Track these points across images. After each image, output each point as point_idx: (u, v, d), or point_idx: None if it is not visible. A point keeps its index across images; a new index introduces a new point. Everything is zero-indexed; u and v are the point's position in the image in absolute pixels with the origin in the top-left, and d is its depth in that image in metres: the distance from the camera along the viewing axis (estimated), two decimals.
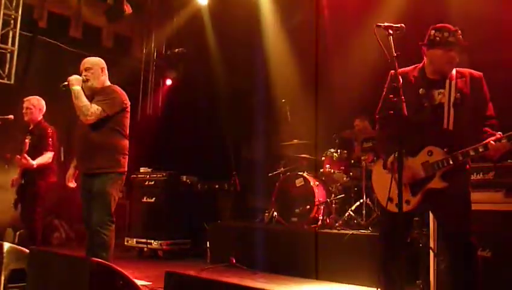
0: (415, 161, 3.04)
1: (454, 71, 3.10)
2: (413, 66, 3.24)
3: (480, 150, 2.87)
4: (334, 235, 5.55)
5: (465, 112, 3.00)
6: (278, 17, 7.84)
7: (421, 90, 3.08)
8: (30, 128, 5.54)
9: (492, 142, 2.83)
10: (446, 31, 3.04)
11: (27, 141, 5.28)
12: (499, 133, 2.88)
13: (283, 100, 7.01)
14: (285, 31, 7.66)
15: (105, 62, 4.32)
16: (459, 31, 3.06)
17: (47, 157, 5.36)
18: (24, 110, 5.56)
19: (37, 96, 5.62)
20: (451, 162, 2.92)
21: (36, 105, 5.57)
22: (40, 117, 5.57)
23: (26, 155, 5.22)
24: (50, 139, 5.41)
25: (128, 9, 8.82)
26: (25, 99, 5.60)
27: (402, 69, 3.17)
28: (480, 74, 3.13)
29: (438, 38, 3.04)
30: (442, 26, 3.08)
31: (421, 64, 3.20)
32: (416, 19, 4.80)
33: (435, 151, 2.99)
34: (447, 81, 3.07)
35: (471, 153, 2.90)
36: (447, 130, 2.99)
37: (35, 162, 5.24)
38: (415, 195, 3.03)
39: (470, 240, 2.98)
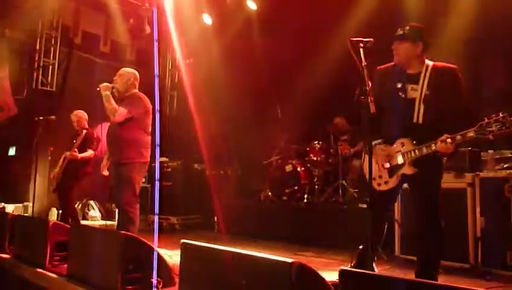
0: (392, 149, 2.95)
1: (429, 67, 2.90)
2: (393, 63, 3.07)
3: (433, 148, 2.74)
4: (318, 209, 5.57)
5: (434, 108, 2.82)
6: (267, 33, 7.76)
7: (398, 84, 2.95)
8: (78, 133, 5.61)
9: (439, 143, 2.69)
10: (400, 27, 2.95)
11: (78, 139, 5.40)
12: (446, 135, 2.68)
13: (274, 101, 7.00)
14: (274, 44, 7.58)
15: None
16: (410, 24, 2.94)
17: (89, 153, 5.51)
18: (74, 122, 5.68)
19: (81, 110, 5.68)
20: (417, 153, 2.83)
21: (82, 116, 5.70)
22: (86, 124, 5.69)
23: (76, 150, 5.35)
24: (94, 141, 5.54)
25: (148, 29, 8.77)
26: (73, 113, 5.68)
27: (388, 64, 3.07)
28: (454, 66, 2.90)
29: (395, 35, 2.97)
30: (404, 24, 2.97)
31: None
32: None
33: (405, 143, 2.89)
34: (421, 76, 2.89)
35: (424, 150, 2.78)
36: (416, 124, 2.86)
37: (80, 155, 5.38)
38: (391, 177, 2.95)
39: (436, 221, 2.88)
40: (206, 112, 8.56)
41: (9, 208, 6.78)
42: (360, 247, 3.24)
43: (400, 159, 2.90)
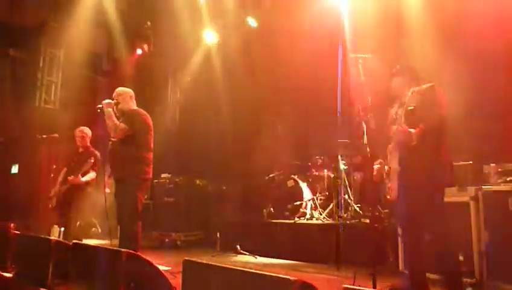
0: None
1: (415, 90, 3.15)
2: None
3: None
4: (320, 225, 5.53)
5: (412, 121, 3.00)
6: (268, 51, 7.83)
7: (392, 110, 3.25)
8: (80, 150, 5.53)
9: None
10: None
11: (88, 163, 5.25)
12: None
13: (275, 118, 7.05)
14: (275, 62, 7.65)
15: (132, 90, 4.35)
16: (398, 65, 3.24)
17: (92, 175, 5.38)
18: (78, 137, 5.55)
19: (86, 127, 5.62)
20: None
21: (87, 133, 5.59)
22: (88, 143, 5.58)
23: (80, 175, 5.24)
24: (97, 163, 5.44)
25: (149, 47, 8.88)
26: (78, 129, 5.60)
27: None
28: (430, 85, 3.13)
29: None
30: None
31: None
32: None
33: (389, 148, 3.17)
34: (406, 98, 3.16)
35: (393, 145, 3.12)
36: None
37: (83, 179, 5.27)
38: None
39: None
40: (208, 128, 8.60)
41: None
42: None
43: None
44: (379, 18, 5.76)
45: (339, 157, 6.15)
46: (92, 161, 5.25)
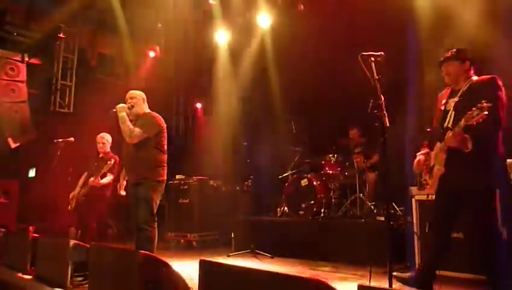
0: (431, 154, 3.19)
1: (471, 80, 3.07)
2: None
3: (443, 143, 2.99)
4: (335, 224, 5.52)
5: (461, 111, 2.90)
6: (280, 50, 7.84)
7: (443, 101, 3.17)
8: (100, 156, 5.66)
9: (447, 137, 2.93)
10: (444, 53, 3.15)
11: (108, 164, 5.38)
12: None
13: (288, 116, 7.05)
14: (287, 61, 7.65)
15: (144, 92, 4.39)
16: (453, 48, 3.11)
17: (110, 179, 5.49)
18: (99, 144, 5.69)
19: (107, 133, 5.75)
20: (439, 152, 3.05)
21: (108, 140, 5.73)
22: (108, 149, 5.71)
23: (99, 178, 5.38)
24: (116, 167, 5.54)
25: (159, 50, 8.94)
26: (99, 135, 5.74)
27: (445, 90, 3.28)
28: (490, 76, 2.99)
29: (439, 60, 3.17)
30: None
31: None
32: None
33: (437, 146, 3.11)
34: (462, 89, 3.08)
35: (441, 145, 3.02)
36: (446, 128, 3.03)
37: (101, 182, 5.39)
38: (430, 179, 3.20)
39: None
40: (221, 128, 8.64)
41: None
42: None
43: (432, 161, 3.12)
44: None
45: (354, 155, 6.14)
46: (112, 162, 5.36)
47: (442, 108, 3.13)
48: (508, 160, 3.93)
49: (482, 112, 2.59)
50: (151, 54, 9.44)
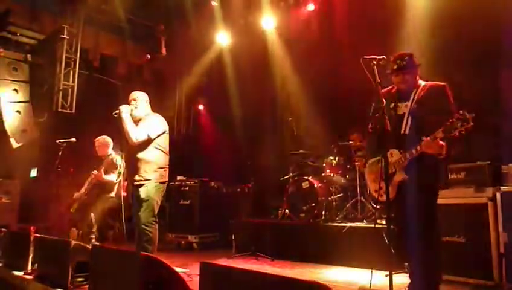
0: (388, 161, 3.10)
1: (421, 86, 3.12)
2: (392, 87, 3.31)
3: (418, 148, 2.91)
4: (335, 227, 5.52)
5: (420, 119, 2.99)
6: (282, 53, 7.87)
7: (392, 104, 3.16)
8: (103, 158, 5.74)
9: (423, 143, 2.86)
10: (395, 59, 3.12)
11: (104, 163, 5.55)
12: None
13: (290, 118, 7.05)
14: (289, 64, 7.68)
15: (146, 93, 4.40)
16: (407, 56, 3.12)
17: (112, 177, 5.58)
18: (96, 147, 5.81)
19: (105, 136, 5.81)
20: (403, 160, 3.00)
21: (107, 142, 5.81)
22: (109, 151, 5.78)
23: (102, 171, 5.50)
24: (114, 166, 5.63)
25: (164, 50, 8.95)
26: (96, 139, 5.82)
27: (388, 88, 3.28)
28: (442, 84, 3.08)
29: (391, 67, 3.14)
30: (394, 56, 3.14)
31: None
32: None
33: (394, 153, 3.08)
34: (412, 94, 3.11)
35: (413, 152, 2.94)
36: (403, 135, 3.04)
37: (105, 177, 5.50)
38: (391, 187, 3.04)
39: (431, 230, 2.92)
40: (222, 130, 8.67)
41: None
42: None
43: (391, 169, 3.05)
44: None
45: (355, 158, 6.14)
46: (110, 158, 5.42)
47: (392, 112, 3.11)
48: (510, 164, 3.97)
49: (466, 123, 2.63)
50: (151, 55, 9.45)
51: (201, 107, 10.43)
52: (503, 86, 4.92)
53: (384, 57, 2.97)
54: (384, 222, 4.91)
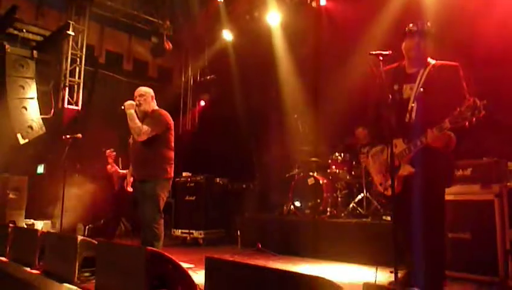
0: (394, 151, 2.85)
1: (430, 65, 2.84)
2: (397, 63, 3.02)
3: (423, 140, 2.66)
4: (341, 223, 5.52)
5: (427, 105, 2.72)
6: (287, 49, 7.86)
7: (395, 86, 2.86)
8: None
9: (428, 134, 2.61)
10: (412, 23, 2.86)
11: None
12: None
13: (295, 115, 7.04)
14: (294, 60, 7.66)
15: (152, 89, 4.41)
16: (426, 22, 2.85)
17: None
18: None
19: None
20: (407, 152, 2.77)
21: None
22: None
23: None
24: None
25: (169, 46, 8.96)
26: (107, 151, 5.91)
27: (388, 66, 2.96)
28: (454, 64, 2.80)
29: (405, 31, 2.89)
30: (412, 22, 2.88)
31: (403, 61, 2.99)
32: None
33: (398, 144, 2.82)
34: (419, 75, 2.82)
35: (418, 143, 2.70)
36: (408, 123, 2.79)
37: (121, 171, 5.57)
38: (396, 181, 2.81)
39: (438, 227, 2.74)
40: (228, 126, 8.67)
41: (38, 225, 6.99)
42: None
43: (396, 160, 2.80)
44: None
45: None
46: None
47: (397, 95, 2.80)
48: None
49: (477, 112, 2.38)
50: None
51: (202, 103, 10.41)
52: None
53: (391, 52, 2.94)
54: (389, 218, 4.91)
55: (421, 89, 2.76)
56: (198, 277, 2.97)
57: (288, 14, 7.84)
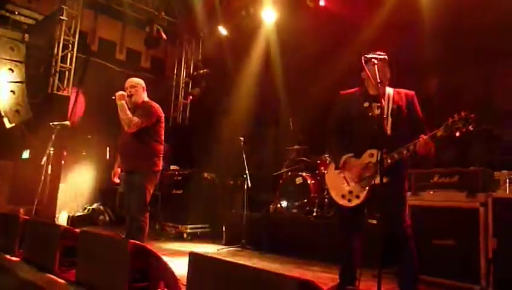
0: (361, 161, 3.05)
1: (392, 90, 3.11)
2: (355, 89, 3.28)
3: (411, 148, 2.84)
4: (327, 223, 5.54)
5: (400, 121, 3.00)
6: (281, 46, 7.85)
7: (365, 104, 3.08)
8: None
9: (419, 142, 2.80)
10: (373, 52, 3.08)
11: None
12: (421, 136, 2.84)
13: (287, 114, 7.04)
14: (288, 58, 7.65)
15: (144, 80, 4.37)
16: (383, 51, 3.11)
17: None
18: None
19: None
20: (389, 161, 2.90)
21: None
22: None
23: None
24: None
25: (163, 37, 8.89)
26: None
27: (347, 91, 3.28)
28: (412, 92, 3.13)
29: (367, 58, 3.04)
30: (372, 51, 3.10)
31: (363, 87, 3.20)
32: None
33: (375, 153, 2.94)
34: (386, 96, 3.06)
35: (404, 151, 2.88)
36: (385, 135, 2.93)
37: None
38: (363, 190, 3.03)
39: (404, 226, 2.96)
40: (218, 121, 8.64)
41: (21, 211, 6.89)
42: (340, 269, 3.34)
43: (371, 170, 2.98)
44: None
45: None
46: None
47: (369, 113, 3.04)
48: (502, 171, 3.99)
49: (468, 123, 2.63)
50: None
51: (191, 97, 10.33)
52: (498, 92, 4.95)
53: (386, 56, 2.97)
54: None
55: (395, 106, 3.04)
56: (182, 271, 2.95)
57: (284, 12, 7.81)
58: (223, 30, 8.77)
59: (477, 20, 5.04)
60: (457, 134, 2.66)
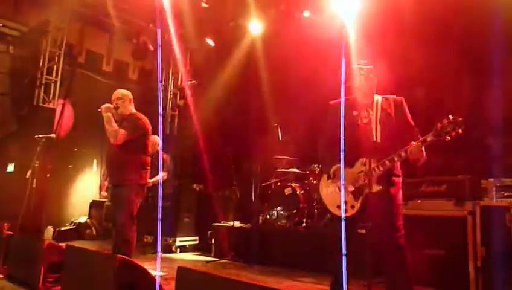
0: (353, 170, 3.03)
1: (379, 97, 3.12)
2: (344, 98, 3.21)
3: (402, 154, 2.84)
4: (317, 234, 5.52)
5: (390, 128, 3.00)
6: (269, 57, 7.90)
7: (354, 113, 3.06)
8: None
9: (410, 148, 2.79)
10: (361, 61, 3.13)
11: None
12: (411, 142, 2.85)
13: (275, 124, 7.04)
14: (275, 69, 7.69)
15: (131, 92, 4.34)
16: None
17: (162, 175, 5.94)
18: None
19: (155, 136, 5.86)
20: (381, 169, 2.90)
21: (157, 142, 5.87)
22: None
23: None
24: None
25: (150, 49, 8.87)
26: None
27: (336, 100, 3.23)
28: (400, 97, 3.13)
29: (355, 68, 3.10)
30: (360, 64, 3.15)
31: (351, 97, 3.20)
32: None
33: (365, 162, 2.94)
34: (374, 103, 3.08)
35: (395, 158, 2.87)
36: (375, 142, 2.95)
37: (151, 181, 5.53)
38: (357, 200, 3.00)
39: (397, 235, 2.92)
40: (207, 132, 8.62)
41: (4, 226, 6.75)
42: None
43: (364, 179, 2.94)
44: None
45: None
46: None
47: (358, 121, 3.01)
48: (489, 179, 4.03)
49: (458, 127, 2.62)
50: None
51: (180, 104, 10.28)
52: (486, 100, 5.02)
53: (372, 66, 3.01)
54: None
55: (383, 114, 3.03)
56: (170, 286, 2.91)
57: (270, 24, 7.86)
58: (210, 41, 8.79)
59: (465, 28, 5.12)
60: (448, 138, 2.65)
